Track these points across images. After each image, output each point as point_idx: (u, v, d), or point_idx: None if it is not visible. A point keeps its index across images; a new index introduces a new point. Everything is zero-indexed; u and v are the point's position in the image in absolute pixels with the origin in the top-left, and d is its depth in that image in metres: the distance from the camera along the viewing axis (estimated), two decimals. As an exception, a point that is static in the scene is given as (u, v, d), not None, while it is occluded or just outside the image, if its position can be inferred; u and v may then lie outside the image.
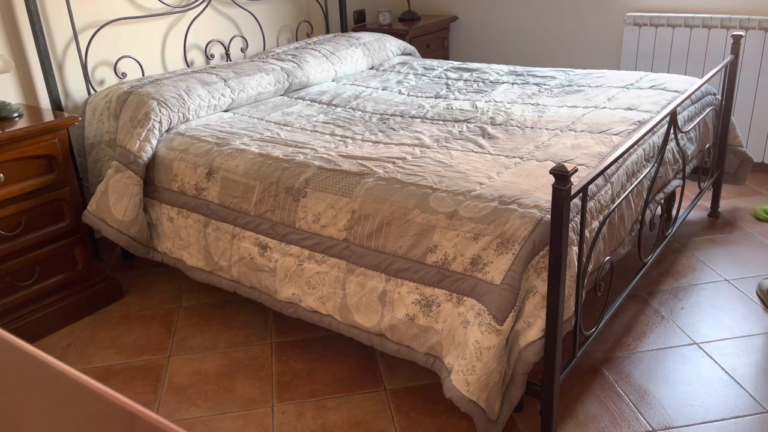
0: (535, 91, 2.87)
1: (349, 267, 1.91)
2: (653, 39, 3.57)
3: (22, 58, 2.57)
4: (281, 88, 2.97)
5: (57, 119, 2.30)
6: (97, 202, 2.41)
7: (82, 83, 2.78)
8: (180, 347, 2.31)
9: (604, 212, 1.90)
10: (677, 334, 2.22)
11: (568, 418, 1.88)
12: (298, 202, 2.03)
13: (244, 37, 3.47)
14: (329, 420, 1.92)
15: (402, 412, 1.94)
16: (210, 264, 2.27)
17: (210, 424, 1.93)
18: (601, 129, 2.30)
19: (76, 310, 2.48)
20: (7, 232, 2.23)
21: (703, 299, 2.41)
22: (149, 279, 2.78)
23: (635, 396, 1.95)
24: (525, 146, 2.19)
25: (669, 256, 2.72)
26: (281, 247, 2.06)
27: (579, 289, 1.73)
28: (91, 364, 2.24)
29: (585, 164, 1.99)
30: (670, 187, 2.44)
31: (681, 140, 2.50)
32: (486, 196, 1.79)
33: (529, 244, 1.64)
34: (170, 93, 2.54)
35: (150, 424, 0.52)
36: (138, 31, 2.97)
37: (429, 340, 1.77)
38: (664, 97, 2.61)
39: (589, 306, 2.30)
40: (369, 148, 2.22)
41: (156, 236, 2.45)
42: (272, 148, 2.25)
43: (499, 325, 1.62)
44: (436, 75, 3.25)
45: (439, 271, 1.75)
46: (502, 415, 1.70)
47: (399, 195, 1.87)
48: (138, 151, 2.37)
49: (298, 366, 2.17)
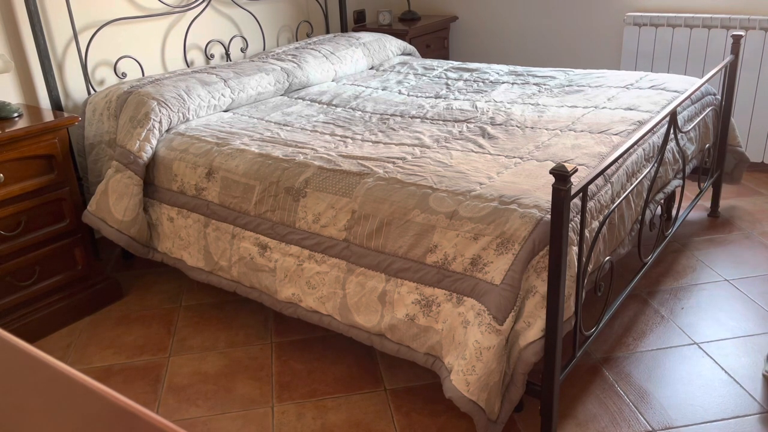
0: (535, 91, 2.87)
1: (349, 267, 1.91)
2: (653, 39, 3.57)
3: (22, 58, 2.57)
4: (281, 88, 2.97)
5: (57, 119, 2.30)
6: (97, 202, 2.41)
7: (82, 83, 2.78)
8: (180, 347, 2.31)
9: (604, 212, 1.90)
10: (677, 334, 2.22)
11: (568, 418, 1.88)
12: (298, 202, 2.03)
13: (244, 37, 3.47)
14: (329, 420, 1.92)
15: (402, 412, 1.94)
16: (210, 264, 2.27)
17: (210, 424, 1.93)
18: (601, 129, 2.30)
19: (76, 310, 2.48)
20: (7, 232, 2.23)
21: (703, 299, 2.41)
22: (149, 279, 2.78)
23: (635, 396, 1.95)
24: (525, 146, 2.19)
25: (669, 256, 2.72)
26: (281, 247, 2.06)
27: (579, 289, 1.73)
28: (91, 364, 2.24)
29: (585, 164, 1.99)
30: (670, 187, 2.44)
31: (681, 140, 2.50)
32: (486, 196, 1.79)
33: (529, 244, 1.64)
34: (170, 93, 2.54)
35: (150, 424, 0.52)
36: (138, 31, 2.97)
37: (429, 340, 1.77)
38: (664, 97, 2.61)
39: (589, 306, 2.30)
40: (369, 148, 2.22)
41: (156, 236, 2.45)
42: (272, 148, 2.25)
43: (499, 325, 1.62)
44: (436, 75, 3.25)
45: (439, 271, 1.75)
46: (502, 415, 1.70)
47: (399, 195, 1.87)
48: (138, 151, 2.37)
49: (298, 366, 2.17)
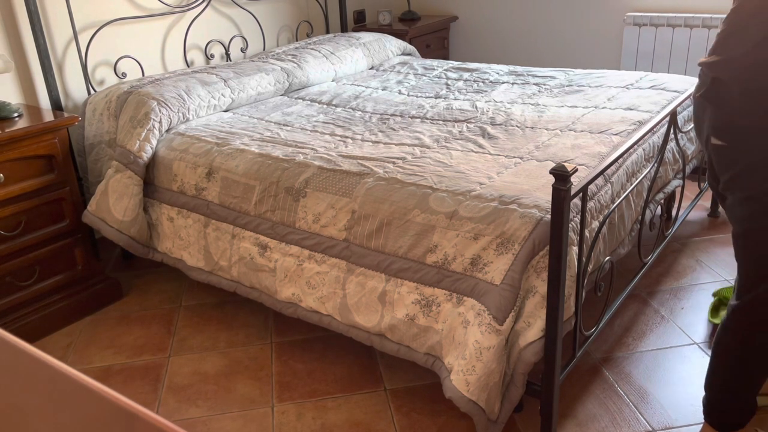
0: (535, 91, 2.87)
1: (349, 267, 1.91)
2: (653, 39, 3.57)
3: (22, 58, 2.57)
4: (281, 88, 2.97)
5: (57, 119, 2.30)
6: (97, 202, 2.41)
7: (82, 83, 2.78)
8: (180, 347, 2.31)
9: (604, 212, 1.90)
10: (677, 334, 2.22)
11: (568, 418, 1.88)
12: (298, 202, 2.03)
13: (244, 37, 3.47)
14: (329, 420, 1.92)
15: (402, 412, 1.94)
16: (210, 264, 2.27)
17: (210, 424, 1.93)
18: (601, 129, 2.30)
19: (76, 310, 2.48)
20: (7, 232, 2.23)
21: (703, 299, 2.41)
22: (149, 279, 2.78)
23: (635, 396, 1.95)
24: (525, 146, 2.19)
25: (669, 256, 2.72)
26: (281, 247, 2.06)
27: (579, 289, 1.73)
28: (91, 364, 2.24)
29: (585, 164, 1.99)
30: (670, 187, 2.44)
31: (681, 140, 2.50)
32: (486, 196, 1.79)
33: (529, 244, 1.64)
34: (170, 93, 2.54)
35: (150, 424, 0.52)
36: (138, 31, 2.97)
37: (429, 340, 1.77)
38: (664, 97, 2.61)
39: (589, 306, 2.30)
40: (369, 148, 2.22)
41: (156, 236, 2.45)
42: (272, 148, 2.25)
43: (499, 325, 1.62)
44: (436, 75, 3.25)
45: (439, 271, 1.75)
46: (502, 415, 1.70)
47: (399, 195, 1.87)
48: (138, 151, 2.37)
49: (298, 366, 2.17)
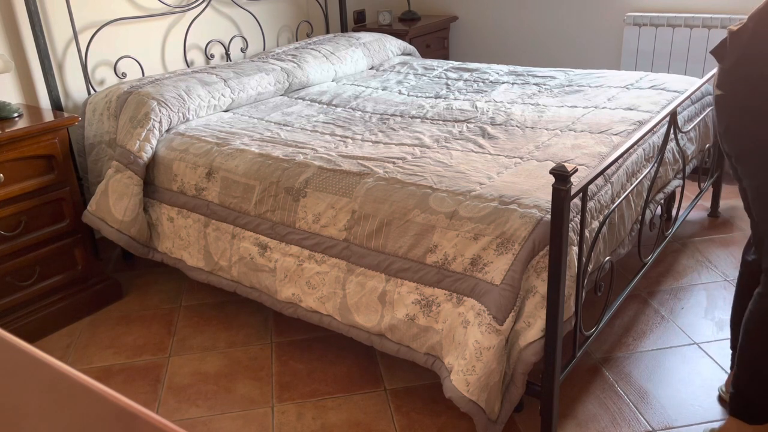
0: (535, 91, 2.87)
1: (349, 267, 1.91)
2: (653, 39, 3.57)
3: (22, 58, 2.57)
4: (281, 88, 2.97)
5: (57, 119, 2.30)
6: (97, 202, 2.41)
7: (82, 83, 2.78)
8: (180, 347, 2.31)
9: (604, 212, 1.90)
10: (677, 334, 2.22)
11: (568, 418, 1.88)
12: (298, 202, 2.03)
13: (244, 37, 3.47)
14: (329, 420, 1.92)
15: (402, 412, 1.94)
16: (210, 264, 2.27)
17: (210, 424, 1.93)
18: (601, 129, 2.30)
19: (76, 310, 2.48)
20: (7, 232, 2.23)
21: (703, 299, 2.41)
22: (149, 279, 2.78)
23: (635, 396, 1.95)
24: (525, 146, 2.19)
25: (669, 256, 2.72)
26: (281, 247, 2.06)
27: (579, 289, 1.73)
28: (91, 364, 2.24)
29: (585, 164, 1.99)
30: (670, 187, 2.44)
31: (681, 140, 2.50)
32: (486, 196, 1.79)
33: (529, 244, 1.64)
34: (170, 93, 2.54)
35: (150, 424, 0.52)
36: (138, 31, 2.97)
37: (429, 340, 1.77)
38: (664, 97, 2.61)
39: (589, 306, 2.30)
40: (369, 148, 2.22)
41: (156, 236, 2.45)
42: (272, 148, 2.25)
43: (499, 325, 1.62)
44: (436, 75, 3.25)
45: (439, 271, 1.75)
46: (502, 415, 1.70)
47: (399, 195, 1.87)
48: (138, 151, 2.37)
49: (298, 366, 2.17)
